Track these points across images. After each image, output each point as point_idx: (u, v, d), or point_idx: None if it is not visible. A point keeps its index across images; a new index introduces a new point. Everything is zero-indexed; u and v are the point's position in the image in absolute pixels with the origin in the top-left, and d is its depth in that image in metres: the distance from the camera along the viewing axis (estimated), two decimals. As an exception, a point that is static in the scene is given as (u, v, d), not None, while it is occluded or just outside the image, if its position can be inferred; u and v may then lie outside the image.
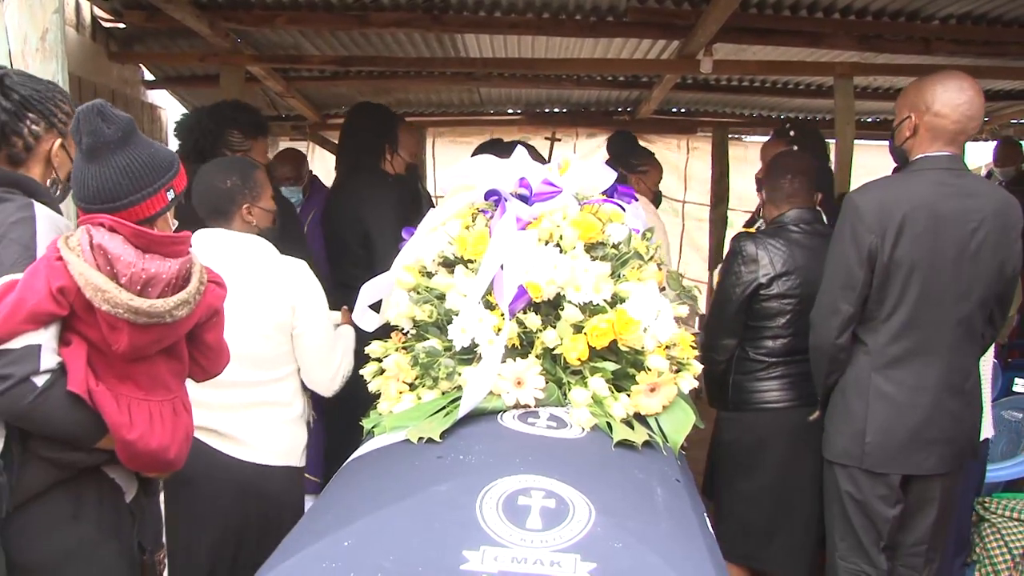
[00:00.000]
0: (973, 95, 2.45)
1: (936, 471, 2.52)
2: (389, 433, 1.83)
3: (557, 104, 7.25)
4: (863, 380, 2.52)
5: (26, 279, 1.65)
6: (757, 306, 2.91)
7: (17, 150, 1.85)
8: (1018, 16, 4.48)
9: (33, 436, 1.72)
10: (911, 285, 2.43)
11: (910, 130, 2.50)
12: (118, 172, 1.69)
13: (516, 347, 1.89)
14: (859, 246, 2.44)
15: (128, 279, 1.65)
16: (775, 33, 4.65)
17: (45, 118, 1.88)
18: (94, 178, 1.69)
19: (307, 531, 1.51)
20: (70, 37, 4.37)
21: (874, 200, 2.46)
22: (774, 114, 7.39)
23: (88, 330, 1.70)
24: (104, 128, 1.68)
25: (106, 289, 1.63)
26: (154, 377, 1.81)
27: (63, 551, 1.79)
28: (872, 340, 2.51)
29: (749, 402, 2.96)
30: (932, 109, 2.45)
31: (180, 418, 1.86)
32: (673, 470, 1.76)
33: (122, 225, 1.68)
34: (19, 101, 1.85)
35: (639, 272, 2.02)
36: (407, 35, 4.90)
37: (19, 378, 1.61)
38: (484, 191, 2.19)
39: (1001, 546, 3.19)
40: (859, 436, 2.51)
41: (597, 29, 4.58)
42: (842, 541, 2.61)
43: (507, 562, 1.32)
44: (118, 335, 1.68)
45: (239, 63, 5.05)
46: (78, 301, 1.66)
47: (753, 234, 2.99)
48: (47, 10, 2.39)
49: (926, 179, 2.45)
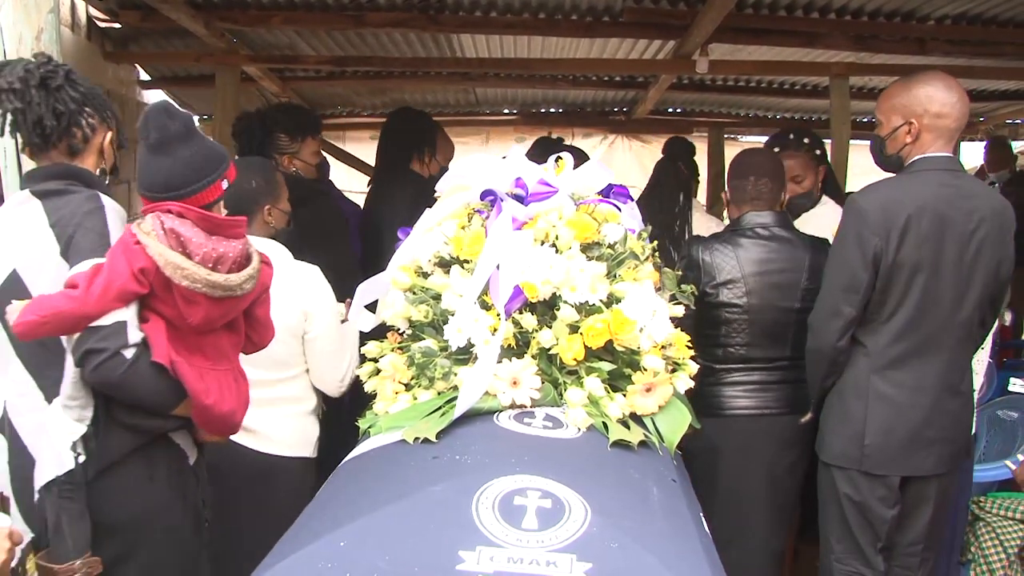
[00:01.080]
0: (961, 92, 2.47)
1: (935, 471, 2.52)
2: (385, 433, 1.83)
3: (553, 104, 7.25)
4: (862, 382, 2.51)
5: (110, 262, 1.82)
6: (705, 313, 2.80)
7: (76, 141, 2.00)
8: (1013, 16, 4.49)
9: (116, 405, 1.89)
10: (914, 287, 2.42)
11: (912, 136, 2.48)
12: (182, 164, 1.88)
13: (512, 347, 1.89)
14: (863, 249, 2.42)
15: (201, 258, 1.84)
16: (771, 33, 4.65)
17: (99, 112, 2.04)
18: (161, 170, 1.87)
19: (303, 531, 1.51)
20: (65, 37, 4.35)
21: (878, 202, 2.44)
22: (770, 114, 7.39)
23: (163, 307, 1.87)
24: (170, 125, 1.87)
25: (185, 267, 1.81)
26: (218, 349, 1.98)
27: (140, 511, 1.96)
28: (872, 342, 2.50)
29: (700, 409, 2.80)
30: (932, 111, 2.44)
31: (240, 385, 2.05)
32: (669, 470, 1.76)
33: (189, 210, 1.86)
34: (82, 94, 2.01)
35: (635, 272, 2.03)
36: (403, 35, 4.90)
37: (112, 351, 1.78)
38: (480, 191, 2.19)
39: (996, 545, 3.19)
40: (858, 438, 2.49)
41: (593, 29, 4.58)
42: (839, 543, 2.60)
43: (503, 562, 1.32)
44: (194, 309, 1.86)
45: (235, 63, 5.04)
46: (156, 280, 1.83)
47: (703, 238, 2.90)
48: (42, 10, 2.40)
49: (929, 180, 2.44)
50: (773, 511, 2.85)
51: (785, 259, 2.79)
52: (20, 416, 1.96)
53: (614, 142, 7.51)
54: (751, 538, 2.85)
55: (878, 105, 2.59)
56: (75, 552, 1.85)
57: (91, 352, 1.78)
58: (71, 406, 1.86)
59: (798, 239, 2.85)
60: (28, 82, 1.94)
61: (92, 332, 1.78)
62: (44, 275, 1.91)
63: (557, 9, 4.45)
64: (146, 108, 1.89)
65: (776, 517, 2.87)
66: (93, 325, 1.78)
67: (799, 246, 2.82)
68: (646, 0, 4.32)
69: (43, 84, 1.95)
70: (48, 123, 1.95)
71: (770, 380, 2.81)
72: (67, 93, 1.98)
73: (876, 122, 2.61)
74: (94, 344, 1.78)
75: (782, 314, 2.78)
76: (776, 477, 2.81)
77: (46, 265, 1.91)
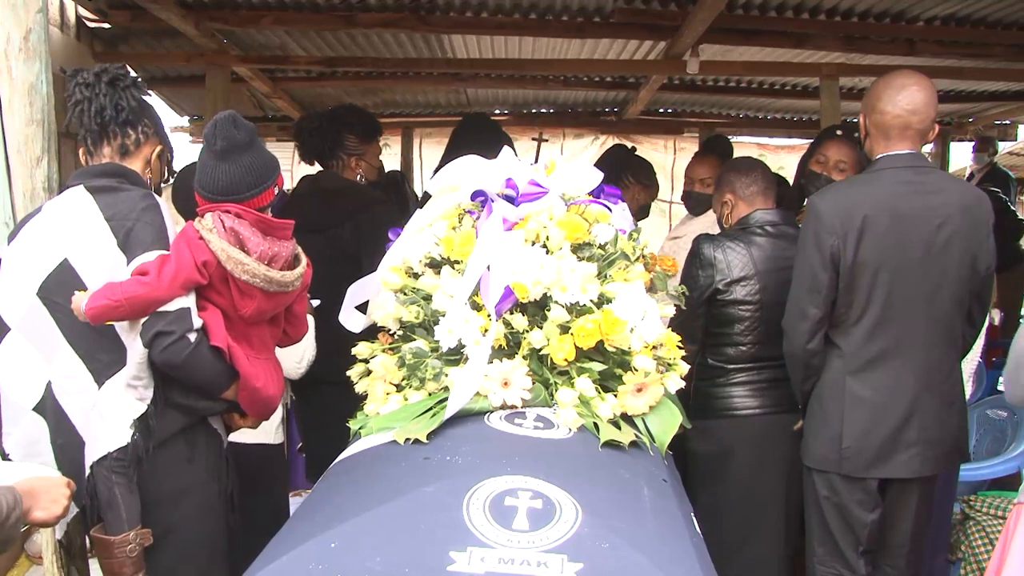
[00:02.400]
0: (916, 89, 2.44)
1: (919, 474, 2.49)
2: (376, 434, 1.83)
3: (544, 105, 7.25)
4: (837, 384, 2.51)
5: (175, 253, 1.99)
6: (716, 311, 2.81)
7: (129, 142, 2.16)
8: (1002, 17, 4.51)
9: (172, 386, 2.06)
10: (878, 286, 2.42)
11: (863, 131, 2.53)
12: (244, 170, 2.06)
13: (503, 348, 1.89)
14: (821, 249, 2.43)
15: (258, 256, 2.04)
16: (761, 34, 4.67)
17: (154, 124, 2.23)
18: (225, 175, 2.05)
19: (294, 533, 1.51)
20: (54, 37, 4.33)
21: (834, 202, 2.45)
22: (760, 115, 7.42)
23: (218, 298, 2.06)
24: (236, 134, 2.05)
25: (246, 262, 2.01)
26: (262, 340, 2.19)
27: (180, 489, 2.12)
28: (845, 343, 2.50)
29: (712, 409, 2.86)
30: (876, 107, 2.47)
31: (279, 372, 2.27)
32: (660, 470, 1.77)
33: (247, 212, 2.06)
34: (145, 102, 2.19)
35: (625, 272, 2.03)
36: (393, 35, 4.90)
37: (179, 334, 1.97)
38: (470, 192, 2.18)
39: (986, 544, 3.20)
40: (836, 441, 2.49)
41: (583, 30, 4.59)
42: (820, 546, 2.59)
43: (494, 563, 1.32)
44: (248, 301, 2.07)
45: (225, 63, 5.03)
46: (215, 273, 2.02)
47: (712, 236, 2.90)
48: (31, 10, 2.38)
49: (887, 178, 2.45)
50: (788, 509, 2.84)
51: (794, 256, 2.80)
52: (68, 397, 2.06)
53: (605, 143, 7.51)
54: (766, 538, 2.85)
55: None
56: (128, 524, 2.01)
57: (160, 334, 1.95)
58: (135, 385, 2.02)
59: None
60: (100, 78, 2.11)
61: (160, 317, 1.96)
62: (99, 264, 2.03)
63: (548, 10, 4.46)
64: (215, 116, 2.06)
65: (791, 515, 2.87)
66: (160, 310, 1.95)
67: None
68: (637, 1, 4.33)
69: (112, 82, 2.12)
70: (108, 113, 2.11)
71: (781, 378, 2.80)
72: (131, 94, 2.14)
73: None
74: (163, 327, 1.95)
75: None
76: (791, 475, 2.81)
77: (102, 255, 2.04)
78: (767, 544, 2.86)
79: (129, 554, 2.01)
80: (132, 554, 2.01)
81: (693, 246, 2.89)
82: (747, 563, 2.84)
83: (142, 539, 2.03)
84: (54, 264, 2.06)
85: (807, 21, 4.57)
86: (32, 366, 2.09)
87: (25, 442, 2.09)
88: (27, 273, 2.08)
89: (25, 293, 2.07)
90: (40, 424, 2.09)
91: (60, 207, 2.12)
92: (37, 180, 2.43)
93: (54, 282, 2.05)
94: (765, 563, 2.86)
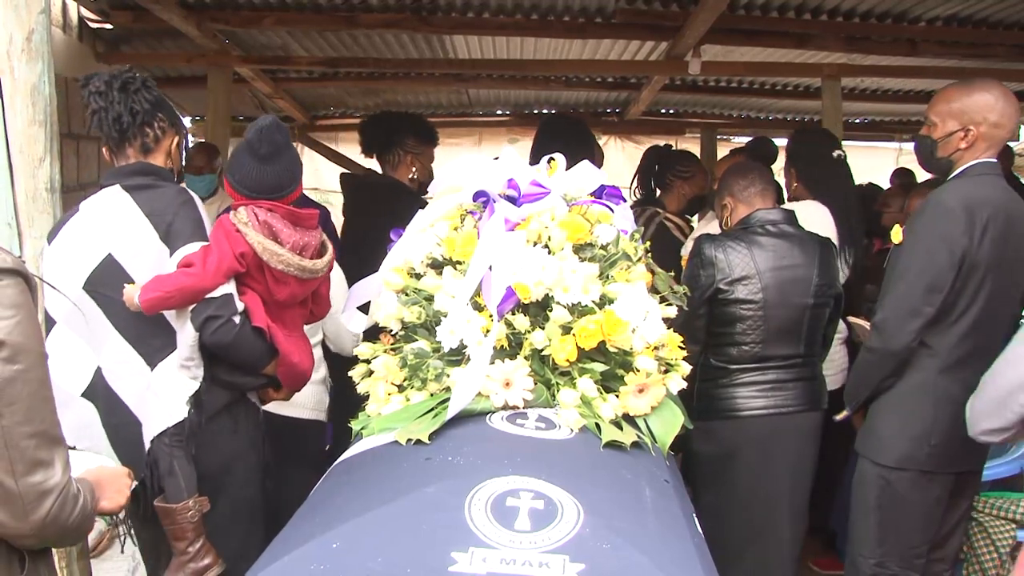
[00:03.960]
0: (1017, 103, 2.48)
1: (977, 467, 2.56)
2: (378, 435, 1.83)
3: (546, 105, 7.25)
4: (928, 382, 2.49)
5: (216, 244, 2.19)
6: (718, 311, 2.81)
7: (149, 140, 2.30)
8: (1003, 18, 4.51)
9: (218, 365, 2.26)
10: (984, 287, 2.42)
11: (967, 142, 2.47)
12: (283, 171, 2.28)
13: (504, 348, 1.89)
14: (952, 249, 2.39)
15: (291, 246, 2.25)
16: (763, 34, 4.67)
17: (169, 117, 2.35)
18: (268, 175, 2.26)
19: (295, 533, 1.51)
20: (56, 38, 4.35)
21: (964, 202, 2.42)
22: (762, 115, 7.41)
23: (255, 284, 2.27)
24: (278, 139, 2.26)
25: (281, 253, 2.23)
26: (293, 320, 2.41)
27: (225, 460, 2.33)
28: (937, 342, 2.48)
29: (715, 410, 2.85)
30: (991, 120, 2.44)
31: (309, 348, 2.48)
32: (661, 471, 1.76)
33: (278, 207, 2.27)
34: (156, 98, 2.31)
35: (627, 273, 2.03)
36: (395, 36, 4.90)
37: (226, 318, 2.17)
38: (472, 192, 2.18)
39: (988, 544, 3.20)
40: (924, 439, 2.48)
41: (585, 30, 4.59)
42: (880, 547, 2.56)
43: (496, 563, 1.32)
44: (282, 287, 2.28)
45: (227, 64, 5.04)
46: (252, 262, 2.23)
47: (714, 236, 2.89)
48: (33, 10, 2.39)
49: (994, 184, 2.46)
50: (793, 509, 2.84)
51: (797, 255, 2.81)
52: (121, 381, 2.24)
53: (607, 143, 7.51)
54: (772, 538, 2.85)
55: (932, 106, 2.57)
56: (187, 492, 2.20)
57: (211, 318, 2.15)
58: (188, 366, 2.21)
59: (807, 235, 2.87)
60: (111, 85, 2.23)
61: (208, 303, 2.15)
62: (144, 257, 2.21)
63: (549, 10, 4.46)
64: (258, 121, 2.25)
65: (796, 514, 2.87)
66: (208, 297, 2.15)
67: (808, 242, 2.85)
68: (638, 1, 4.34)
69: (123, 87, 2.24)
70: (125, 120, 2.24)
71: (786, 378, 2.81)
72: (143, 96, 2.27)
73: (927, 122, 2.58)
74: (212, 312, 2.15)
75: (796, 310, 2.80)
76: (797, 475, 2.82)
77: (146, 248, 2.21)
78: (772, 546, 2.86)
79: (190, 519, 2.19)
80: (193, 519, 2.20)
81: (694, 246, 2.90)
82: (752, 565, 2.84)
83: (200, 506, 2.22)
84: (99, 259, 2.21)
85: (809, 22, 4.57)
86: (79, 355, 2.24)
87: (76, 426, 2.21)
88: (72, 269, 2.23)
89: (71, 287, 2.21)
90: (90, 409, 2.25)
91: (99, 206, 2.26)
92: (40, 180, 2.44)
93: (100, 275, 2.21)
94: (770, 565, 2.86)
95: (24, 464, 1.38)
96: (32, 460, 1.39)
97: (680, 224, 4.12)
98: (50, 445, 1.42)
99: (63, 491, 1.43)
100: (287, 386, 2.46)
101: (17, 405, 1.37)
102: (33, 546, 1.47)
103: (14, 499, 1.38)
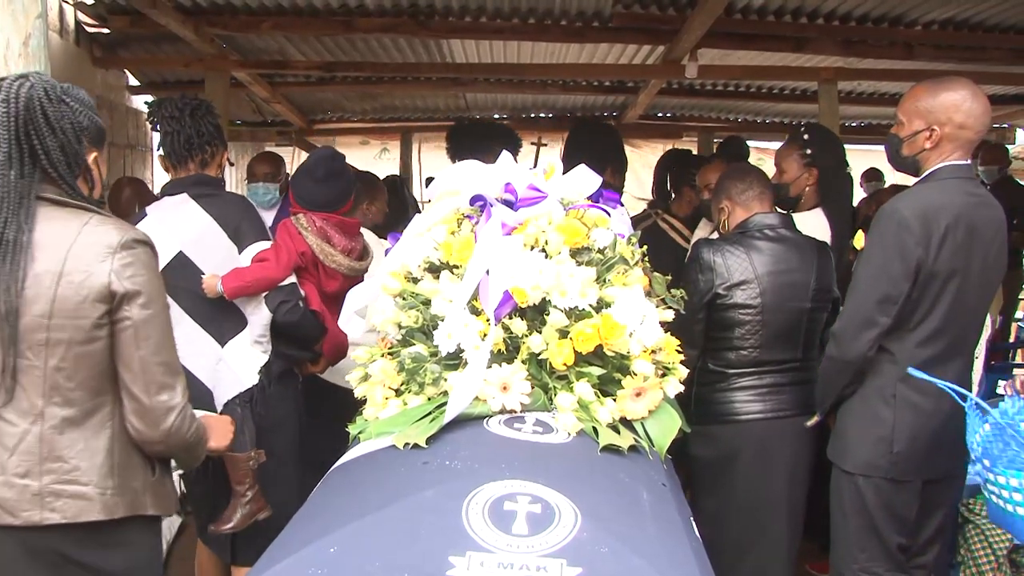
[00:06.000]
0: (986, 103, 2.43)
1: (949, 473, 2.52)
2: (375, 439, 1.83)
3: (543, 109, 7.27)
4: (888, 389, 2.46)
5: (282, 243, 2.78)
6: (716, 316, 2.80)
7: (207, 157, 2.76)
8: (999, 21, 4.53)
9: (280, 340, 2.77)
10: (945, 294, 2.39)
11: (932, 142, 2.43)
12: (338, 190, 2.96)
13: (502, 352, 1.89)
14: (906, 259, 2.36)
15: (341, 249, 2.91)
16: (760, 38, 4.68)
17: (220, 137, 2.81)
18: (325, 194, 2.93)
19: (293, 537, 1.51)
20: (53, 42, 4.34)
21: (920, 211, 2.38)
22: (759, 119, 7.43)
23: (309, 277, 2.89)
24: (334, 166, 2.97)
25: (333, 254, 2.90)
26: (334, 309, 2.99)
27: (279, 418, 2.80)
28: (898, 348, 2.45)
29: (713, 415, 2.84)
30: (956, 120, 2.39)
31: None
32: (659, 474, 1.76)
33: (332, 217, 2.93)
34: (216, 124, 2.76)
35: (624, 277, 2.03)
36: (393, 40, 4.91)
37: (295, 302, 2.74)
38: (469, 196, 2.18)
39: (985, 547, 3.20)
40: (886, 445, 2.45)
41: (582, 34, 4.60)
42: (863, 552, 2.54)
43: (493, 567, 1.32)
44: (332, 282, 2.93)
45: (224, 68, 5.04)
46: (309, 260, 2.86)
47: (712, 241, 2.88)
48: (30, 15, 2.38)
49: (957, 188, 2.41)
50: (791, 513, 2.84)
51: (795, 259, 2.80)
52: (192, 358, 2.59)
53: (604, 147, 7.50)
54: (770, 543, 2.84)
55: (901, 104, 2.53)
56: (250, 445, 2.66)
57: (284, 302, 2.70)
58: (261, 342, 2.73)
59: (804, 240, 2.87)
60: (183, 111, 2.70)
61: (281, 290, 2.70)
62: (214, 254, 2.67)
63: (547, 14, 4.47)
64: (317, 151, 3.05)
65: (794, 519, 2.86)
66: (280, 285, 2.69)
67: (805, 247, 2.85)
68: (635, 5, 4.34)
69: (192, 113, 2.70)
70: (194, 141, 2.71)
71: (783, 383, 2.80)
72: (208, 121, 2.73)
73: (896, 121, 2.55)
74: (284, 297, 2.70)
75: (794, 315, 2.79)
76: (794, 479, 2.81)
77: (216, 247, 2.67)
78: (770, 549, 2.84)
79: (251, 468, 2.64)
80: (253, 467, 2.64)
81: (693, 251, 2.89)
82: (749, 568, 2.83)
83: (259, 456, 2.66)
84: (170, 255, 2.62)
85: (805, 25, 4.58)
86: None
87: None
88: None
89: None
90: None
91: (166, 211, 2.70)
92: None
93: (172, 270, 2.59)
94: (767, 568, 2.84)
95: (155, 385, 1.76)
96: (160, 383, 1.77)
97: (680, 228, 4.11)
98: (173, 373, 1.80)
99: (183, 410, 1.81)
100: (329, 358, 2.98)
101: (151, 340, 1.76)
102: (162, 453, 1.85)
103: (147, 412, 1.77)
